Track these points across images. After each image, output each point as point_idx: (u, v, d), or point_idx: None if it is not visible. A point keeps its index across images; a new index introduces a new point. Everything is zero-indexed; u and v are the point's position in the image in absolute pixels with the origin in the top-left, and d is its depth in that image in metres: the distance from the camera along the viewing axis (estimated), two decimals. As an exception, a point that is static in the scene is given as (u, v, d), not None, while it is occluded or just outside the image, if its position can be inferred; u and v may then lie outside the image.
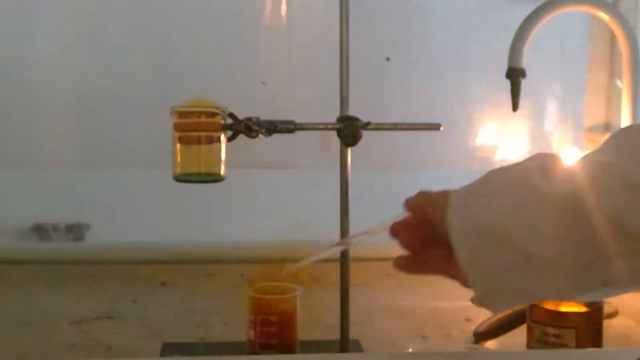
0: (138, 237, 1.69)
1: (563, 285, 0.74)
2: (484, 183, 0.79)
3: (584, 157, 0.74)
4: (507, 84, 1.49)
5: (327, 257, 0.93)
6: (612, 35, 1.71)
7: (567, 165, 0.75)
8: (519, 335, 1.16)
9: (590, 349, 1.06)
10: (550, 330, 1.07)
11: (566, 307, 1.08)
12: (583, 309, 1.08)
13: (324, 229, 1.13)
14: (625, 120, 1.55)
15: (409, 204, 0.85)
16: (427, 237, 0.83)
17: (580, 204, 0.70)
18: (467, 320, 1.30)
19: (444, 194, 0.80)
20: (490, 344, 1.21)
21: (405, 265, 0.86)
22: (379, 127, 1.08)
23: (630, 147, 0.70)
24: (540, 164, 0.75)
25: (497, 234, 0.74)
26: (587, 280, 0.73)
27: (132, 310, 1.36)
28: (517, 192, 0.74)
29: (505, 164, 0.80)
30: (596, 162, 0.71)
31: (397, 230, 0.85)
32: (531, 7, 1.49)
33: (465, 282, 0.79)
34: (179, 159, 1.06)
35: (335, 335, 1.13)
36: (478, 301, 0.79)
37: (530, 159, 0.77)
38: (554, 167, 0.75)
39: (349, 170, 1.09)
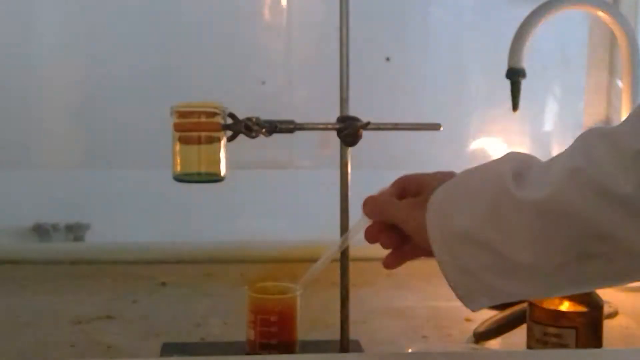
0: (138, 237, 1.69)
1: (538, 286, 0.78)
2: (460, 185, 0.81)
3: (553, 160, 0.77)
4: (507, 84, 1.49)
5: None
6: (612, 35, 1.71)
7: (538, 169, 0.77)
8: (519, 335, 1.16)
9: (590, 349, 1.06)
10: (550, 330, 1.07)
11: (566, 307, 1.07)
12: (583, 309, 1.07)
13: (324, 229, 1.13)
14: (625, 120, 1.54)
15: (372, 212, 0.88)
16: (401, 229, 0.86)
17: (552, 211, 0.73)
18: (467, 320, 1.30)
19: (416, 203, 0.83)
20: (490, 344, 1.21)
21: (393, 261, 0.89)
22: (379, 127, 1.08)
23: (597, 152, 0.72)
24: (513, 167, 0.77)
25: (475, 238, 0.77)
26: (561, 280, 0.76)
27: (132, 310, 1.36)
28: (492, 199, 0.77)
29: (474, 169, 0.82)
30: (565, 167, 0.73)
31: (374, 236, 0.88)
32: (531, 7, 1.49)
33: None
34: (179, 159, 1.06)
35: (335, 335, 1.13)
36: (460, 300, 0.82)
37: (504, 159, 0.80)
38: (526, 171, 0.77)
39: (349, 170, 1.09)
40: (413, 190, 0.86)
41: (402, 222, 0.84)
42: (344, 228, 1.08)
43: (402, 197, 0.87)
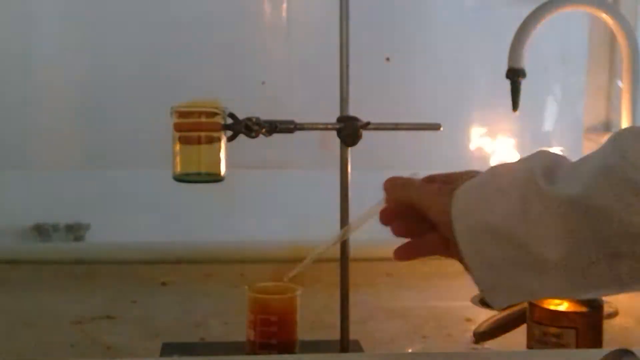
0: (138, 237, 1.69)
1: (564, 285, 0.75)
2: (488, 181, 0.79)
3: (584, 159, 0.75)
4: (507, 84, 1.49)
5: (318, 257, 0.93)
6: (612, 35, 1.71)
7: (568, 167, 0.76)
8: (519, 335, 1.16)
9: (590, 349, 1.06)
10: (550, 330, 1.07)
11: (566, 307, 1.07)
12: (583, 309, 1.07)
13: (324, 229, 1.13)
14: (625, 120, 1.55)
15: (393, 190, 0.84)
16: (419, 220, 0.82)
17: (583, 208, 0.71)
18: (467, 320, 1.30)
19: (443, 190, 0.80)
20: (490, 344, 1.21)
21: (404, 253, 0.85)
22: (379, 127, 1.08)
23: (631, 151, 0.71)
24: (543, 164, 0.76)
25: (502, 233, 0.75)
26: (588, 280, 0.74)
27: (132, 310, 1.36)
28: (521, 193, 0.75)
29: (504, 164, 0.81)
30: (598, 165, 0.72)
31: (388, 219, 0.84)
32: (531, 7, 1.49)
33: (465, 264, 0.79)
34: (179, 159, 1.06)
35: (335, 335, 1.13)
36: (483, 295, 0.80)
37: (533, 156, 0.78)
38: (556, 168, 0.75)
39: (349, 170, 1.09)
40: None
41: (426, 208, 0.81)
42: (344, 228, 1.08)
43: None
